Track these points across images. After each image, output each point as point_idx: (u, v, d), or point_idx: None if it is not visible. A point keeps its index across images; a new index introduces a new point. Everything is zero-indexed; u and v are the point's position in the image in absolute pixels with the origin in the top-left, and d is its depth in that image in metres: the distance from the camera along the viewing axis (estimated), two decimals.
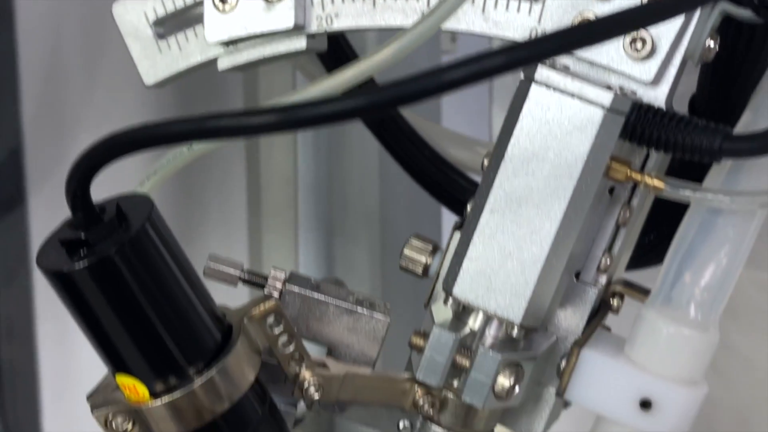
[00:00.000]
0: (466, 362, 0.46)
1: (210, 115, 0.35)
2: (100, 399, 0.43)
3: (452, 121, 0.82)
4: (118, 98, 0.84)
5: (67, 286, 0.40)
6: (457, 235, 0.47)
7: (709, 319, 0.44)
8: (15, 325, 1.14)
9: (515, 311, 0.45)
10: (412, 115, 0.68)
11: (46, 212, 0.91)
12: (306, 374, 0.45)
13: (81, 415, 1.15)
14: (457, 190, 0.68)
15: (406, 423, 0.48)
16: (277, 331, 0.44)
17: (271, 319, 0.44)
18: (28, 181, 0.96)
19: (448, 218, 0.78)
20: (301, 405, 0.80)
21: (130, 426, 0.42)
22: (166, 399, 0.41)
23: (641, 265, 0.53)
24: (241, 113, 0.34)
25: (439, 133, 0.71)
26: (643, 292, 0.47)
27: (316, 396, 0.45)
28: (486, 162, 0.46)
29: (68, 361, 1.17)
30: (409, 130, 0.68)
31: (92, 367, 0.46)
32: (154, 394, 0.42)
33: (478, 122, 0.85)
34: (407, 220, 0.81)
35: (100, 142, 0.37)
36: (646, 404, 0.44)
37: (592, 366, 0.45)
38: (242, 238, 0.86)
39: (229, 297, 0.47)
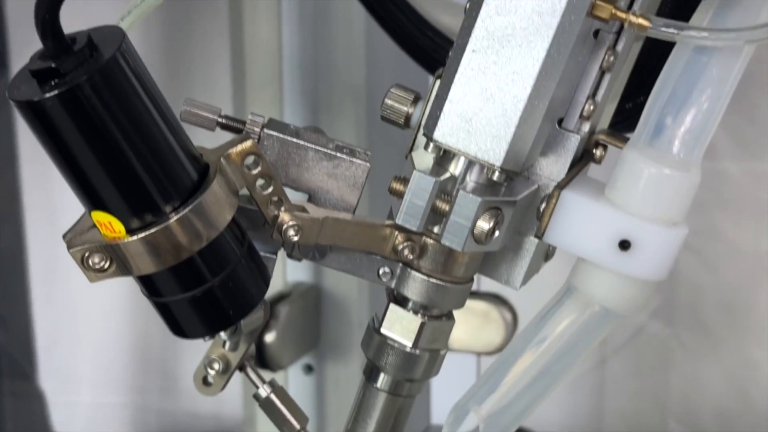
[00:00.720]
0: (445, 207, 0.45)
1: None
2: (77, 237, 0.42)
3: None
4: None
5: (39, 118, 0.39)
6: (439, 83, 0.46)
7: (690, 160, 0.44)
8: (2, 210, 1.14)
9: (496, 154, 0.44)
10: None
11: None
12: (285, 216, 0.45)
13: (70, 299, 1.16)
14: (444, 56, 0.66)
15: (386, 269, 0.48)
16: (255, 172, 0.44)
17: (249, 160, 0.44)
18: (11, 49, 0.94)
19: None
20: (289, 278, 0.80)
21: (107, 264, 0.42)
22: (142, 235, 0.41)
23: (620, 130, 0.53)
24: None
25: None
26: (626, 141, 0.47)
27: (295, 238, 0.45)
28: (469, 4, 0.45)
29: (56, 247, 1.17)
30: None
31: None
32: (130, 231, 0.41)
33: None
34: None
35: None
36: (625, 245, 0.43)
37: (572, 207, 0.45)
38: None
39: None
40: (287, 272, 0.86)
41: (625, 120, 0.53)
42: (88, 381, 1.22)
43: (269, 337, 0.82)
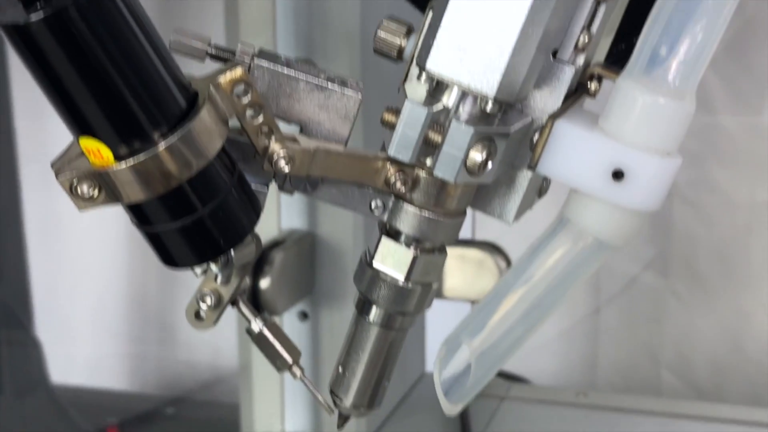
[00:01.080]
0: (438, 138, 0.45)
1: None
2: (65, 165, 0.42)
3: None
4: None
5: (25, 41, 0.39)
6: (432, 13, 0.46)
7: (685, 89, 0.43)
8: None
9: (489, 84, 0.44)
10: None
11: None
12: (275, 147, 0.44)
13: (66, 250, 1.15)
14: None
15: (378, 203, 0.48)
16: (245, 101, 0.43)
17: (239, 89, 0.43)
18: None
19: None
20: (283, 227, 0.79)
21: (96, 192, 0.42)
22: (130, 162, 0.41)
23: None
24: None
25: None
26: (620, 73, 0.46)
27: (286, 169, 0.44)
28: None
29: (52, 199, 1.17)
30: None
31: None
32: (118, 158, 0.41)
33: None
34: None
35: None
36: (618, 175, 0.43)
37: (565, 137, 0.44)
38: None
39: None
40: (282, 219, 0.85)
41: (619, 61, 0.52)
42: (86, 331, 1.22)
43: (264, 283, 0.81)
